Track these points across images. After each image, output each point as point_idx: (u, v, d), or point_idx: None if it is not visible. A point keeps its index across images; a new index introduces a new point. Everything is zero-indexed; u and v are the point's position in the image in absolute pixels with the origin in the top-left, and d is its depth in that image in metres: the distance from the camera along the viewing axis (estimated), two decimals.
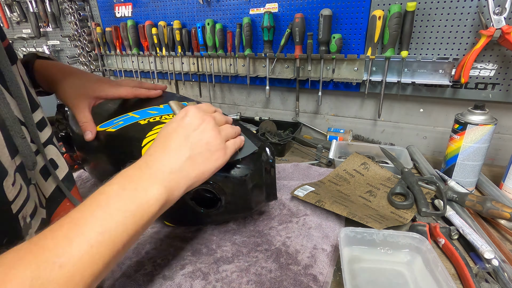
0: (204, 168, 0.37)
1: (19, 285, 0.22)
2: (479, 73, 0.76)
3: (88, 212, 0.28)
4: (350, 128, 0.98)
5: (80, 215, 0.28)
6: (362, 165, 0.73)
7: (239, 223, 0.57)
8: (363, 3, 0.82)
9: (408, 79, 0.82)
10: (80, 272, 0.25)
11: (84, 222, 0.27)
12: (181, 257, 0.49)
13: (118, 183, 0.32)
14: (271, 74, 1.00)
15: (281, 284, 0.43)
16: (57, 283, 0.23)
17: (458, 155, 0.66)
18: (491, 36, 0.69)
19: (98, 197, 0.30)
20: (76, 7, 1.26)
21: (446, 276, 0.40)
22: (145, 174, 0.33)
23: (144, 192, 0.31)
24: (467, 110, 0.65)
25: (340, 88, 0.94)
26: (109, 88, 0.58)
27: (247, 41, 0.98)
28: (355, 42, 0.87)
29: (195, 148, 0.37)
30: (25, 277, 0.23)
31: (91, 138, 0.53)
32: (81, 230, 0.27)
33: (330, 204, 0.57)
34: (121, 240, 0.28)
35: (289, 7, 0.92)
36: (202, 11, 1.06)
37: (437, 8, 0.76)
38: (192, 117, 0.39)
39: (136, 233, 0.30)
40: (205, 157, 0.37)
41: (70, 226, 0.27)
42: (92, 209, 0.29)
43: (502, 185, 0.65)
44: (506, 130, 0.80)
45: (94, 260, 0.26)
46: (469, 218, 0.56)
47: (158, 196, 0.32)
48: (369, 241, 0.49)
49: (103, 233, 0.27)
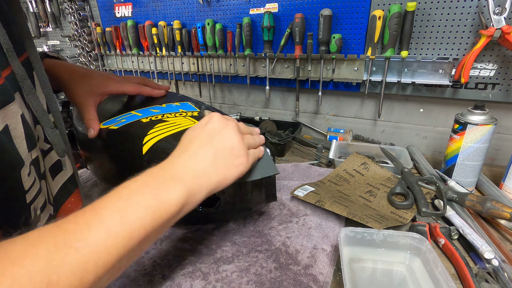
0: (227, 173, 0.37)
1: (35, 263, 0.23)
2: (479, 73, 0.76)
3: (110, 203, 0.29)
4: (350, 128, 0.98)
5: (102, 205, 0.29)
6: (362, 165, 0.73)
7: (239, 223, 0.57)
8: (363, 3, 0.82)
9: (408, 79, 0.82)
10: (94, 260, 0.25)
11: (105, 211, 0.28)
12: (181, 257, 0.49)
13: (142, 179, 0.32)
14: (271, 74, 1.00)
15: (281, 284, 0.43)
16: (70, 266, 0.24)
17: (458, 155, 0.66)
18: (491, 36, 0.69)
19: (122, 190, 0.31)
20: (76, 7, 1.26)
21: (446, 276, 0.40)
22: (168, 174, 0.34)
23: (166, 191, 0.32)
24: (467, 110, 0.65)
25: (340, 88, 0.94)
26: (115, 84, 0.60)
27: (247, 41, 0.98)
28: (355, 42, 0.87)
29: (219, 152, 0.37)
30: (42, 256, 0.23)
31: (93, 135, 0.54)
32: (101, 218, 0.27)
33: (330, 204, 0.57)
34: (137, 235, 0.28)
35: (289, 7, 0.92)
36: (202, 11, 1.06)
37: (437, 8, 0.76)
38: (216, 122, 0.39)
39: (153, 231, 0.30)
40: (228, 162, 0.37)
41: (92, 213, 0.28)
42: (114, 200, 0.29)
43: (502, 185, 0.65)
44: (506, 130, 0.80)
45: (109, 250, 0.26)
46: (469, 218, 0.56)
47: (179, 196, 0.32)
48: (369, 241, 0.49)
49: (122, 224, 0.28)
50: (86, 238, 0.25)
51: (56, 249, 0.24)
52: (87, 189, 0.72)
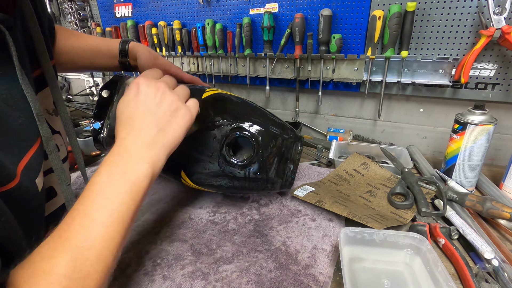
0: (176, 132, 0.40)
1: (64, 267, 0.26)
2: (479, 73, 0.76)
3: (90, 203, 0.32)
4: (350, 128, 0.98)
5: (84, 207, 0.31)
6: (362, 165, 0.73)
7: (239, 223, 0.57)
8: (363, 3, 0.82)
9: (408, 79, 0.82)
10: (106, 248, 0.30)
11: (90, 211, 0.31)
12: (181, 257, 0.49)
13: (106, 171, 0.34)
14: (271, 74, 1.00)
15: (281, 284, 0.43)
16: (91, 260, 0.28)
17: (458, 155, 0.66)
18: (491, 36, 0.69)
19: (93, 188, 0.33)
20: (76, 7, 1.26)
21: (446, 276, 0.40)
22: (126, 158, 0.36)
23: (132, 173, 0.35)
24: (467, 110, 0.65)
25: (340, 88, 0.94)
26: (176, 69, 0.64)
27: (247, 41, 0.98)
28: (355, 42, 0.87)
29: (161, 118, 0.39)
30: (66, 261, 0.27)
31: None
32: (91, 217, 0.30)
33: (330, 204, 0.57)
34: (127, 215, 0.32)
35: (289, 7, 0.92)
36: (202, 11, 1.06)
37: (437, 8, 0.75)
38: (146, 90, 0.39)
39: (137, 207, 0.34)
40: (173, 123, 0.39)
41: (80, 217, 0.30)
42: (92, 198, 0.32)
43: (502, 185, 0.65)
44: (506, 130, 0.80)
45: (112, 236, 0.31)
46: (469, 218, 0.56)
47: (145, 171, 0.35)
48: (369, 241, 0.49)
49: (111, 215, 0.31)
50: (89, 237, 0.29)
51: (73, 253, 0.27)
52: None
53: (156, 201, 0.66)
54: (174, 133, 0.39)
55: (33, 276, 0.25)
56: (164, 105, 0.39)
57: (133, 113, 0.38)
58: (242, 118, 0.53)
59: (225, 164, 0.52)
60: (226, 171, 0.53)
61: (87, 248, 0.28)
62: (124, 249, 0.51)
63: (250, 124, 0.53)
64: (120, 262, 0.48)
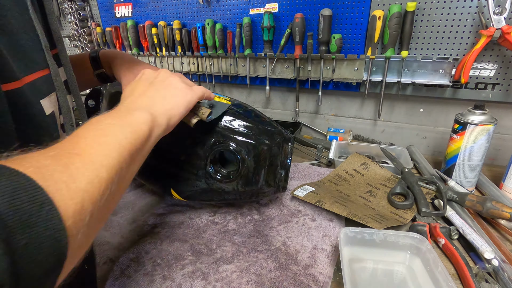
0: (177, 100, 0.41)
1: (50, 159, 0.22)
2: (479, 73, 0.76)
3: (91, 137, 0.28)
4: (350, 128, 0.98)
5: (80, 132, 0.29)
6: (362, 165, 0.73)
7: (239, 223, 0.57)
8: (363, 3, 0.82)
9: (408, 79, 0.82)
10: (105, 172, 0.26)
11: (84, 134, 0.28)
12: (181, 257, 0.49)
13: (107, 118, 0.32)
14: (271, 74, 1.00)
15: (281, 284, 0.43)
16: (79, 164, 0.24)
17: (458, 155, 0.66)
18: (491, 36, 0.69)
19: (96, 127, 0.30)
20: (76, 7, 1.26)
21: (446, 276, 0.40)
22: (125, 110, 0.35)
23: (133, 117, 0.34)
24: (467, 110, 0.65)
25: (340, 88, 0.94)
26: None
27: (247, 41, 0.98)
28: (355, 42, 0.87)
29: (160, 87, 0.41)
30: (77, 168, 0.23)
31: None
32: (84, 138, 0.28)
33: (330, 204, 0.57)
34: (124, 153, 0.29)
35: (289, 7, 0.92)
36: (202, 11, 1.06)
37: (437, 8, 0.76)
38: (148, 72, 0.44)
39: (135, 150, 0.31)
40: (173, 93, 0.41)
41: (75, 138, 0.28)
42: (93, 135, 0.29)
43: (502, 185, 0.65)
44: (506, 130, 0.80)
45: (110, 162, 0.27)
46: (469, 218, 0.56)
47: (145, 119, 0.34)
48: (369, 241, 0.49)
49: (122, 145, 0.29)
50: (91, 155, 0.25)
51: (70, 170, 0.23)
52: None
53: (156, 201, 0.66)
54: (174, 103, 0.40)
55: None
56: (164, 80, 0.42)
57: (135, 87, 0.41)
58: (223, 131, 0.51)
59: (212, 180, 0.51)
60: (215, 187, 0.52)
61: (77, 154, 0.24)
62: (124, 249, 0.51)
63: (231, 137, 0.50)
64: (120, 262, 0.48)
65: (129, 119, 0.33)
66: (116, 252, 0.51)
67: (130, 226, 0.58)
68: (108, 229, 0.57)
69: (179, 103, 0.41)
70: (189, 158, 0.51)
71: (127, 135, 0.31)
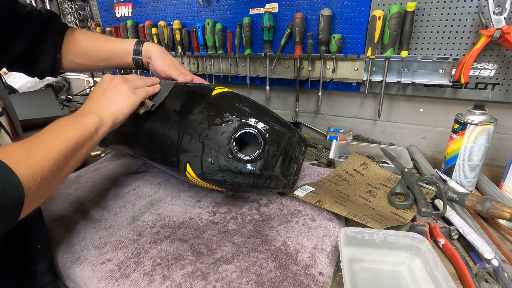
0: (121, 104, 0.52)
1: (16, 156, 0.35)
2: (479, 73, 0.76)
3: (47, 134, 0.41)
4: (350, 128, 0.98)
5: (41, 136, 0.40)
6: (362, 165, 0.73)
7: (239, 223, 0.57)
8: (363, 3, 0.82)
9: (408, 79, 0.82)
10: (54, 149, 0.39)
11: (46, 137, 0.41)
12: (181, 257, 0.49)
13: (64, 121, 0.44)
14: (271, 74, 1.00)
15: (281, 284, 0.43)
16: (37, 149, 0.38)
17: (458, 155, 0.66)
18: (491, 36, 0.69)
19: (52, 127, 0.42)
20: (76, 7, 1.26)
21: (446, 276, 0.40)
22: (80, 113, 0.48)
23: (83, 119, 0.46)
24: (467, 110, 0.65)
25: (340, 88, 0.94)
26: None
27: (247, 41, 0.98)
28: (355, 42, 0.87)
29: (110, 94, 0.52)
30: None
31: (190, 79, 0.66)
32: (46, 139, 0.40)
33: (330, 204, 0.57)
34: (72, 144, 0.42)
35: (289, 7, 0.92)
36: (202, 11, 1.06)
37: (437, 8, 0.76)
38: (105, 79, 0.55)
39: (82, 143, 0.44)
40: (120, 99, 0.52)
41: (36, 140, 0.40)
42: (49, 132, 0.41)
43: (502, 185, 0.65)
44: (506, 130, 0.80)
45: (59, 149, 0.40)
46: (469, 218, 0.56)
47: (93, 120, 0.47)
48: (369, 241, 0.49)
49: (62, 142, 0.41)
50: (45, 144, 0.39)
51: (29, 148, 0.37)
52: (88, 188, 0.72)
53: (156, 201, 0.66)
54: (119, 106, 0.51)
55: None
56: (114, 88, 0.53)
57: (93, 94, 0.53)
58: (250, 115, 0.54)
59: (232, 158, 0.53)
60: (232, 166, 0.53)
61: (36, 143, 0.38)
62: (124, 248, 0.51)
63: (257, 121, 0.54)
64: (120, 262, 0.48)
65: (81, 121, 0.46)
66: (115, 251, 0.51)
67: (130, 226, 0.58)
68: (107, 228, 0.57)
69: (123, 106, 0.52)
70: (214, 134, 0.54)
71: (76, 132, 0.43)
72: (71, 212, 0.63)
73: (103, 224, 0.59)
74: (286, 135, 0.56)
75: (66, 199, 0.67)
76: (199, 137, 0.54)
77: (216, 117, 0.54)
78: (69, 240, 0.54)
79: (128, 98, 0.53)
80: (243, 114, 0.54)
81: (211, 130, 0.54)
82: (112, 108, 0.51)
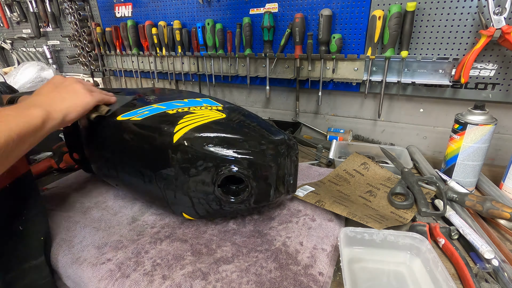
0: (75, 101, 0.50)
1: None
2: (479, 73, 0.76)
3: None
4: (350, 128, 0.98)
5: None
6: (362, 165, 0.73)
7: (239, 223, 0.57)
8: (363, 3, 0.82)
9: (408, 79, 0.82)
10: None
11: None
12: (181, 257, 0.49)
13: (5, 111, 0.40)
14: (271, 74, 1.00)
15: (281, 284, 0.43)
16: None
17: (458, 155, 0.66)
18: (491, 36, 0.69)
19: None
20: (76, 7, 1.26)
21: (446, 276, 0.40)
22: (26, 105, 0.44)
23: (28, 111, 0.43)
24: (467, 110, 0.65)
25: (340, 88, 0.94)
26: None
27: (247, 41, 0.98)
28: (355, 42, 0.87)
29: (63, 91, 0.50)
30: None
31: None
32: None
33: (330, 204, 0.57)
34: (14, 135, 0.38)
35: (289, 7, 0.92)
36: (202, 11, 1.06)
37: (437, 8, 0.76)
38: (58, 78, 0.52)
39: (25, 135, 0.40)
40: (74, 96, 0.50)
41: None
42: None
43: (502, 185, 0.65)
44: (506, 130, 0.80)
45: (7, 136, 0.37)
46: (469, 218, 0.56)
47: (39, 113, 0.43)
48: (369, 241, 0.49)
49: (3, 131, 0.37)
50: None
51: None
52: (87, 190, 0.72)
53: None
54: (72, 103, 0.49)
55: None
56: (67, 85, 0.51)
57: (42, 89, 0.50)
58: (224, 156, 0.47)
59: (222, 202, 0.51)
60: (226, 208, 0.52)
61: None
62: (124, 248, 0.51)
63: (234, 158, 0.47)
64: (120, 262, 0.48)
65: (26, 112, 0.42)
66: (115, 251, 0.51)
67: (130, 226, 0.58)
68: (107, 228, 0.57)
69: (77, 104, 0.50)
70: (196, 185, 0.49)
71: (19, 123, 0.40)
72: (71, 212, 0.63)
73: (103, 224, 0.59)
74: (272, 160, 0.50)
75: (66, 199, 0.67)
76: (181, 191, 0.50)
77: (191, 168, 0.48)
78: (69, 240, 0.54)
79: (83, 97, 0.51)
80: (216, 157, 0.47)
81: (191, 182, 0.49)
82: (63, 104, 0.48)
